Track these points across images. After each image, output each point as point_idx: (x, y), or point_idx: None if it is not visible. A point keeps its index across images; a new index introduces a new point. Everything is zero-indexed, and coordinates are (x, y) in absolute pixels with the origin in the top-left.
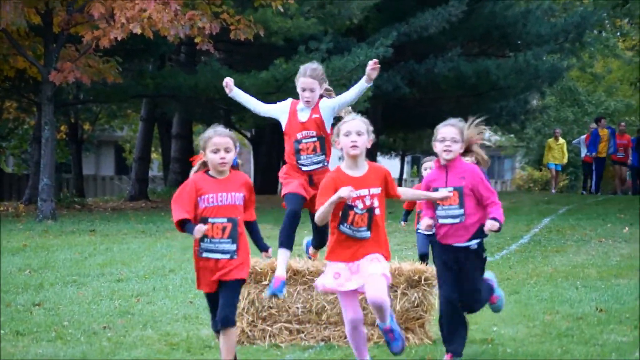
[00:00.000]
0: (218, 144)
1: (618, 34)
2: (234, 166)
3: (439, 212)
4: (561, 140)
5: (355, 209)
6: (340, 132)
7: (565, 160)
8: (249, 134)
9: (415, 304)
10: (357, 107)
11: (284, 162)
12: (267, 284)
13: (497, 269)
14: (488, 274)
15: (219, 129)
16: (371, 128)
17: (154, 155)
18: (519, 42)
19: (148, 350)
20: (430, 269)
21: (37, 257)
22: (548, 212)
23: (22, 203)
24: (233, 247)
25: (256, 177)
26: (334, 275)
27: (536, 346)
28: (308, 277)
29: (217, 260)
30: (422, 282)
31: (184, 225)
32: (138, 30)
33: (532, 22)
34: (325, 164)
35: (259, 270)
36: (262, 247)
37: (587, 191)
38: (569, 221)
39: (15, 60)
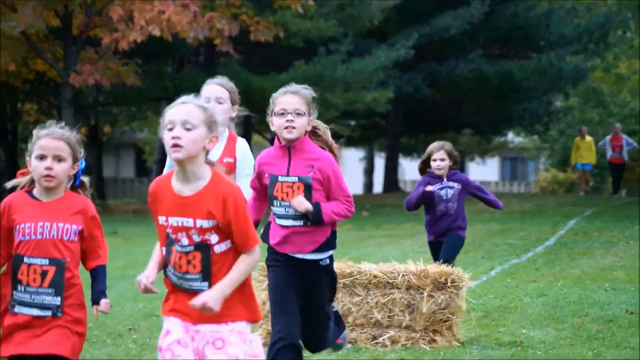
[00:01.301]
0: (45, 148)
1: None
2: (76, 185)
3: (275, 209)
4: (588, 138)
5: (176, 244)
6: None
7: (594, 160)
8: (269, 136)
9: (442, 307)
10: (378, 108)
11: None
12: None
13: (523, 271)
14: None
15: (55, 128)
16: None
17: None
18: (542, 43)
19: None
20: (457, 270)
21: None
22: (573, 214)
23: None
24: (56, 300)
25: None
26: (164, 333)
27: (566, 349)
28: None
29: (33, 318)
30: (449, 284)
31: None
32: (157, 33)
33: (555, 23)
34: None
35: None
36: (95, 298)
37: (618, 193)
38: (595, 223)
39: (35, 63)
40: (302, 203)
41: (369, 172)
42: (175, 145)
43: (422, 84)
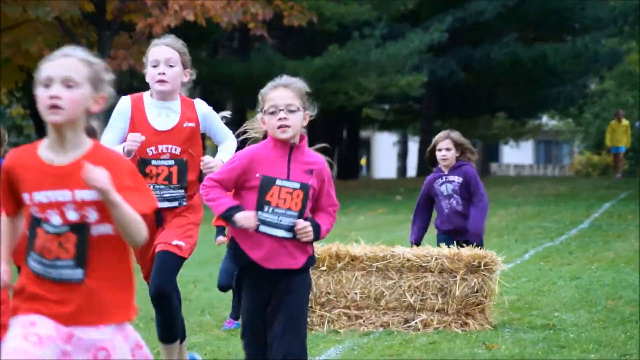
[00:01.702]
0: None
1: None
2: None
3: (265, 215)
4: (624, 121)
5: (45, 224)
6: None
7: (629, 143)
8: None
9: (475, 290)
10: (412, 92)
11: (335, 149)
12: (325, 270)
13: (557, 254)
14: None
15: None
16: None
17: (208, 143)
18: (577, 26)
19: (206, 336)
20: (490, 254)
21: None
22: (608, 197)
23: None
24: None
25: None
26: (24, 332)
27: (599, 332)
28: (366, 262)
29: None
30: (482, 267)
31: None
32: (191, 18)
33: (590, 5)
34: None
35: (317, 256)
36: None
37: None
38: (630, 206)
39: None
40: (308, 232)
41: (402, 156)
42: (53, 107)
43: (456, 67)
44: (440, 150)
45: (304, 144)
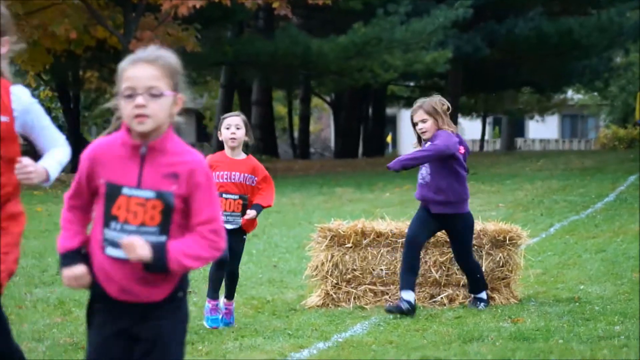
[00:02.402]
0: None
1: None
2: None
3: (110, 233)
4: None
5: None
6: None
7: None
8: (328, 99)
9: (501, 264)
10: (437, 69)
11: (361, 126)
12: (351, 247)
13: (582, 227)
14: None
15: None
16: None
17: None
18: None
19: (234, 314)
20: (515, 228)
21: None
22: (634, 170)
23: None
24: None
25: (337, 141)
26: None
27: (624, 304)
28: (391, 239)
29: None
30: (507, 241)
31: None
32: None
33: None
34: None
35: (342, 233)
36: None
37: None
38: None
39: (96, 30)
40: (135, 248)
41: None
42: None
43: (482, 43)
44: (416, 124)
45: (167, 137)
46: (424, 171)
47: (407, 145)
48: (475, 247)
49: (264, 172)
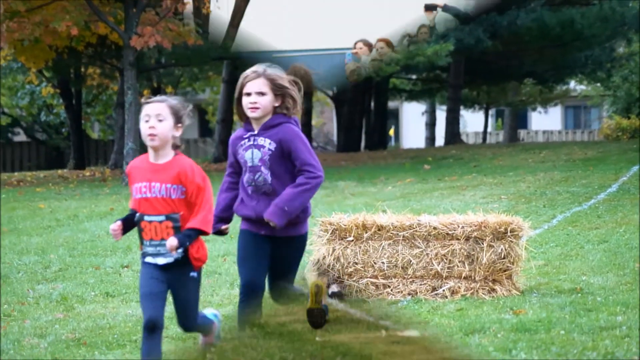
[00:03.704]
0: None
1: None
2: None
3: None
4: None
5: None
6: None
7: None
8: (330, 93)
9: (502, 256)
10: (439, 61)
11: (363, 119)
12: (352, 240)
13: (585, 218)
14: None
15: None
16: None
17: (236, 117)
18: None
19: (236, 308)
20: (517, 220)
21: None
22: (637, 160)
23: (108, 168)
24: None
25: (339, 135)
26: None
27: (626, 294)
28: (392, 232)
29: None
30: (509, 233)
31: None
32: None
33: None
34: None
35: (343, 226)
36: None
37: None
38: None
39: (97, 27)
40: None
41: (431, 125)
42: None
43: (483, 35)
44: (249, 94)
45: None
46: (260, 177)
47: (410, 138)
48: (477, 239)
49: (197, 178)
